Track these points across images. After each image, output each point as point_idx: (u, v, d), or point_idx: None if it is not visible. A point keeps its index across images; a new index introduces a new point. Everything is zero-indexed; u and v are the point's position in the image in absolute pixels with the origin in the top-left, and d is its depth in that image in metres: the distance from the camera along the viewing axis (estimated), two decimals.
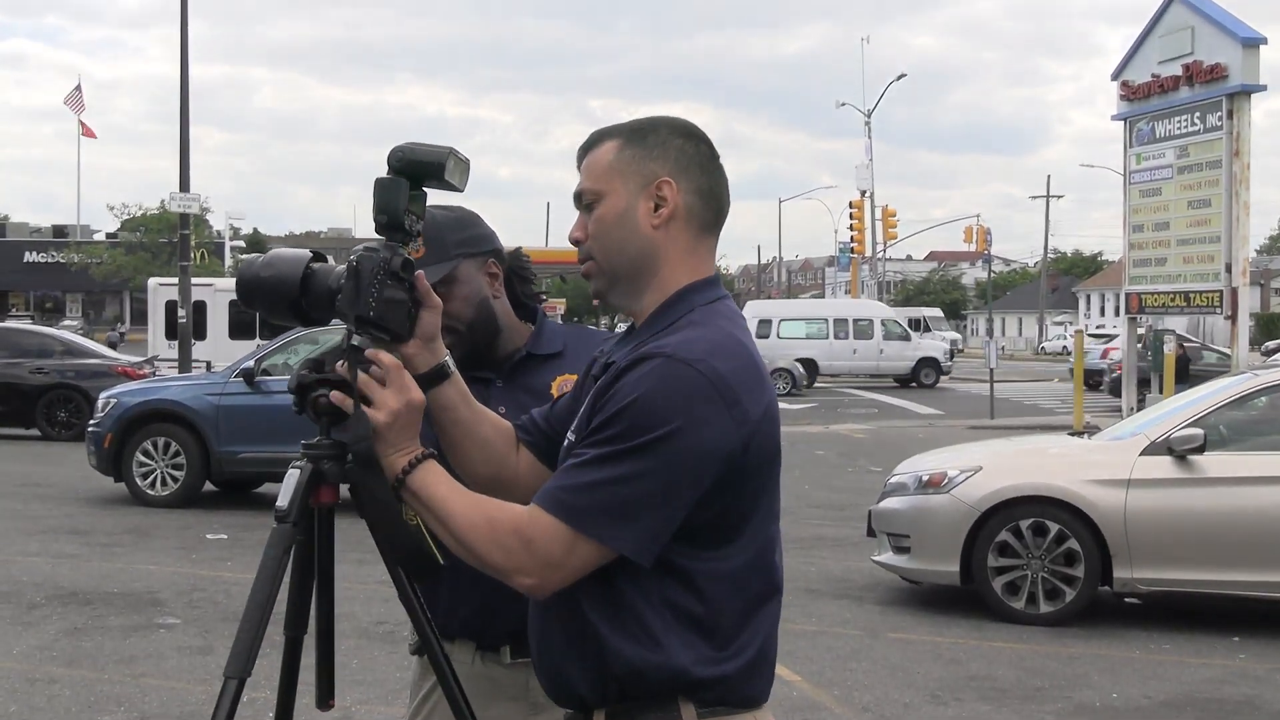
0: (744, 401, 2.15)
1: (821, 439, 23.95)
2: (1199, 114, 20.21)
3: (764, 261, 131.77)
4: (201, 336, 28.30)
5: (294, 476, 2.33)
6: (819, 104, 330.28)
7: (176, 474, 14.09)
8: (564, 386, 2.94)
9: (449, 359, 2.48)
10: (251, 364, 14.19)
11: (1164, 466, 9.04)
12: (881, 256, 60.76)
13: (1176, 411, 9.64)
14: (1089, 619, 9.11)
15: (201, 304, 28.71)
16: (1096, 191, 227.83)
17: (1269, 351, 40.60)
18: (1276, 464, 9.06)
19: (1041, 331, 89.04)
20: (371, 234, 2.49)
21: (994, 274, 49.26)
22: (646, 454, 2.09)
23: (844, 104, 57.65)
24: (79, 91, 76.16)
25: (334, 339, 2.39)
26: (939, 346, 43.57)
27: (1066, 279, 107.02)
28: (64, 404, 21.38)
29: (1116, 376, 28.24)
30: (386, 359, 2.30)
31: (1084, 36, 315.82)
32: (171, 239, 40.38)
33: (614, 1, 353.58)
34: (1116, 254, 78.29)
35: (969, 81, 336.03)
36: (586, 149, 2.38)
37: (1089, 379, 33.20)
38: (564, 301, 40.89)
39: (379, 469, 2.32)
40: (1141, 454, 9.13)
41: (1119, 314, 24.30)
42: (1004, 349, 69.00)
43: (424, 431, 2.35)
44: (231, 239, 64.20)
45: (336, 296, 2.36)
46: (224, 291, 29.24)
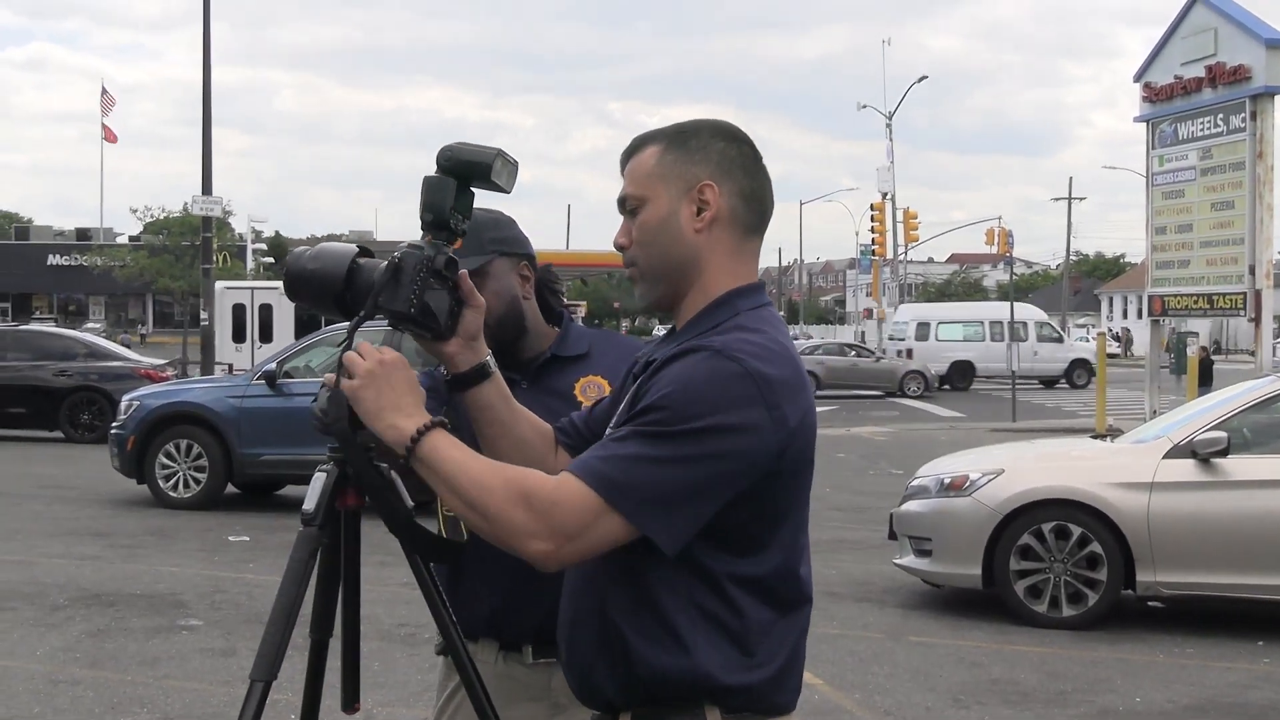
0: (785, 407, 2.14)
1: (843, 442, 23.91)
2: (1222, 115, 20.12)
3: (785, 264, 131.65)
4: (268, 339, 28.28)
5: (320, 480, 2.34)
6: (839, 106, 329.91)
7: (199, 476, 14.14)
8: (587, 389, 2.95)
9: (491, 359, 2.48)
10: (273, 366, 14.23)
11: (1187, 470, 9.00)
12: (903, 259, 60.57)
13: (1200, 414, 9.60)
14: (1112, 623, 9.07)
15: (268, 306, 28.53)
16: (1119, 193, 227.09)
17: None
18: None
19: (1064, 333, 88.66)
20: (391, 237, 2.51)
21: (1015, 276, 48.83)
22: (688, 441, 2.08)
23: (865, 106, 57.56)
24: (106, 94, 76.59)
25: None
26: (1089, 348, 44.18)
27: (1089, 281, 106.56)
28: (87, 406, 21.47)
29: None
30: (364, 347, 2.28)
31: (1105, 38, 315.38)
32: (194, 242, 40.42)
33: (634, 3, 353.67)
34: (1139, 256, 77.89)
35: (989, 83, 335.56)
36: (629, 154, 2.38)
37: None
38: (584, 304, 40.94)
39: (360, 451, 2.31)
40: (1165, 457, 9.09)
41: (1141, 316, 24.19)
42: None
43: (463, 430, 2.35)
44: (253, 242, 64.39)
45: (345, 296, 2.36)
46: None
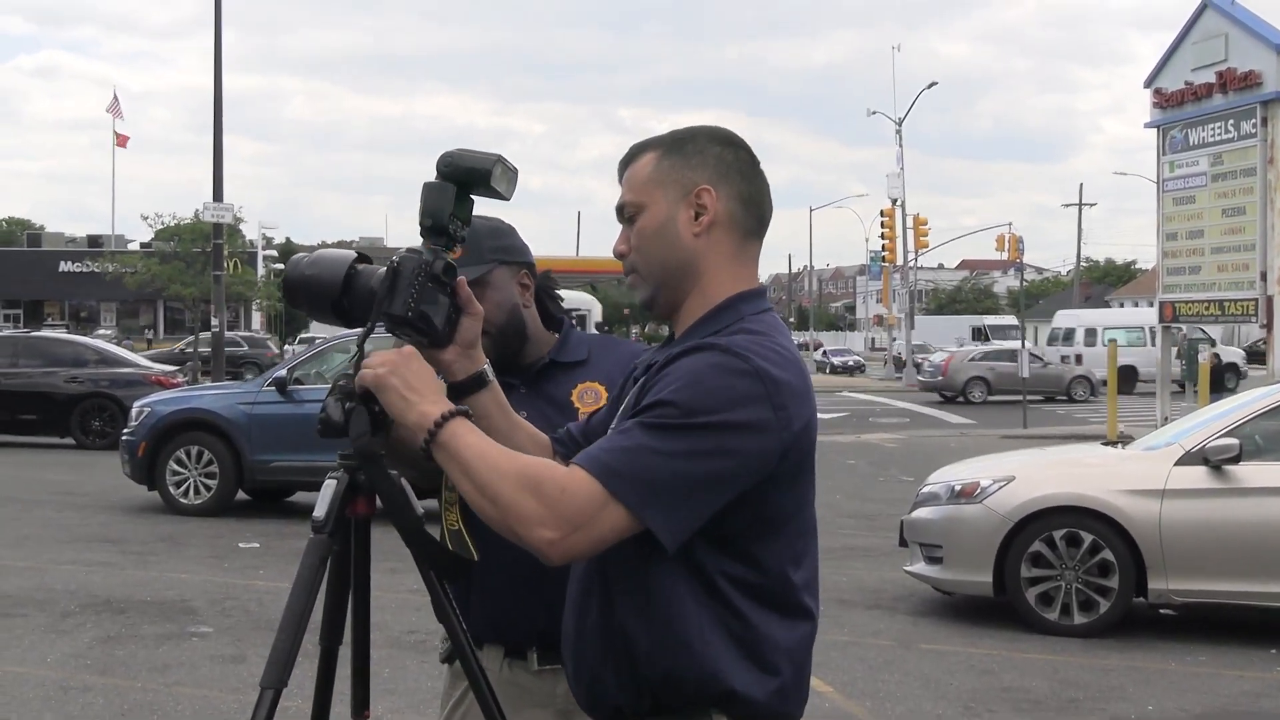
0: (790, 409, 2.15)
1: (854, 449, 23.88)
2: (1233, 121, 20.09)
3: (795, 270, 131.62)
4: None
5: (330, 487, 2.34)
6: (849, 112, 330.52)
7: (209, 482, 14.15)
8: (584, 395, 2.96)
9: (488, 368, 2.48)
10: (284, 373, 14.25)
11: (1199, 477, 8.97)
12: (913, 265, 60.52)
13: (1211, 421, 9.57)
14: (1123, 630, 9.04)
15: None
16: (1129, 199, 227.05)
17: None
18: None
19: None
20: (401, 244, 2.51)
21: (1026, 282, 48.76)
22: (693, 436, 2.08)
23: (875, 112, 57.47)
24: (117, 101, 76.77)
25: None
26: (1238, 352, 44.29)
27: (1100, 287, 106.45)
28: (98, 413, 21.50)
29: None
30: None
31: (1115, 43, 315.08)
32: (205, 249, 40.51)
33: (642, 10, 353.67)
34: (1150, 262, 77.74)
35: (999, 89, 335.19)
36: (626, 162, 2.38)
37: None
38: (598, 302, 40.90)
39: (381, 466, 2.33)
40: (1176, 464, 9.06)
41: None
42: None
43: None
44: (264, 248, 64.52)
45: (342, 302, 2.37)
46: None
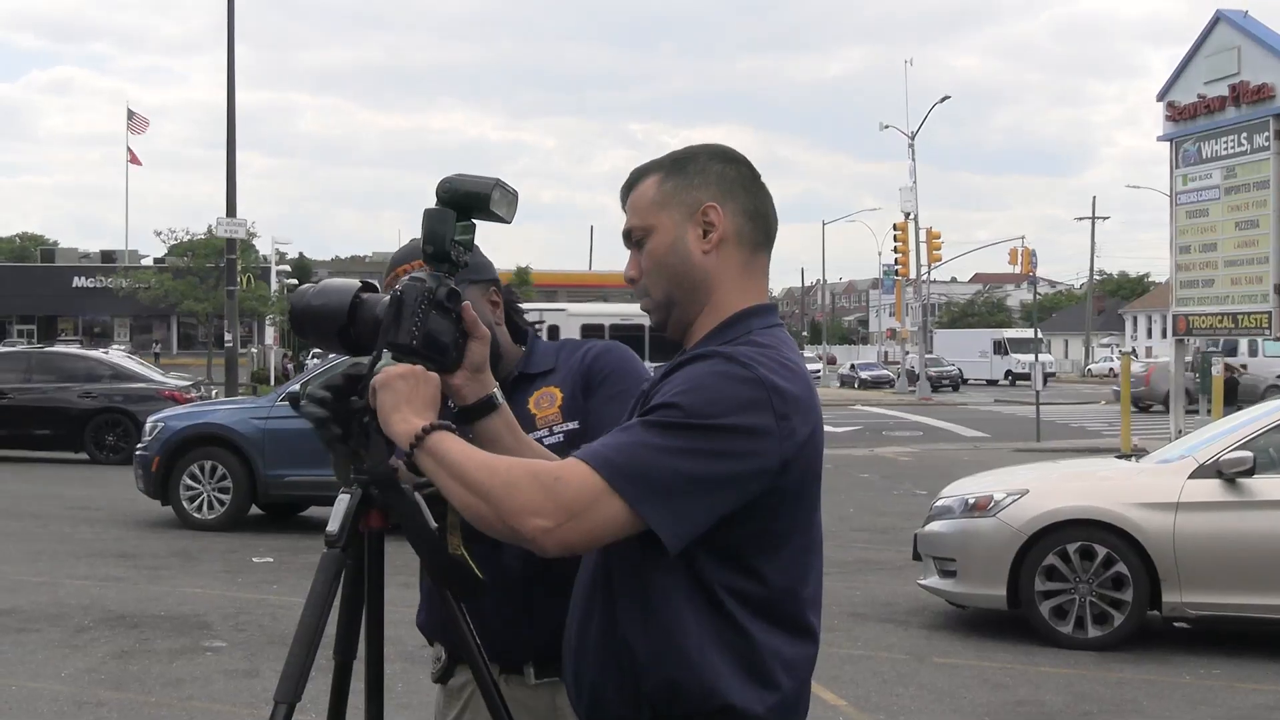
0: (793, 419, 2.16)
1: (867, 462, 23.86)
2: (1246, 134, 20.09)
3: (808, 284, 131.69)
4: None
5: (344, 502, 2.35)
6: (860, 126, 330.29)
7: (223, 497, 14.19)
8: (540, 400, 2.98)
9: (498, 391, 2.48)
10: (297, 388, 14.28)
11: (1213, 489, 8.95)
12: (926, 279, 60.50)
13: (1225, 434, 9.55)
14: (1138, 644, 9.02)
15: (555, 328, 27.85)
16: (1142, 212, 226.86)
17: None
18: None
19: (1088, 354, 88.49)
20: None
21: (1039, 296, 48.85)
22: (695, 436, 2.09)
23: (888, 126, 57.58)
24: (133, 117, 77.11)
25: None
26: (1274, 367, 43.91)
27: (1113, 301, 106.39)
28: (112, 428, 21.57)
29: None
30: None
31: (1127, 57, 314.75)
32: (218, 264, 40.63)
33: (654, 25, 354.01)
34: (1163, 275, 77.65)
35: (1012, 102, 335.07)
36: (629, 187, 2.39)
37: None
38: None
39: (397, 488, 2.34)
40: (1190, 477, 9.04)
41: (1166, 336, 24.13)
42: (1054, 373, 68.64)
43: None
44: (278, 263, 64.60)
45: (349, 331, 2.37)
46: (576, 316, 28.91)
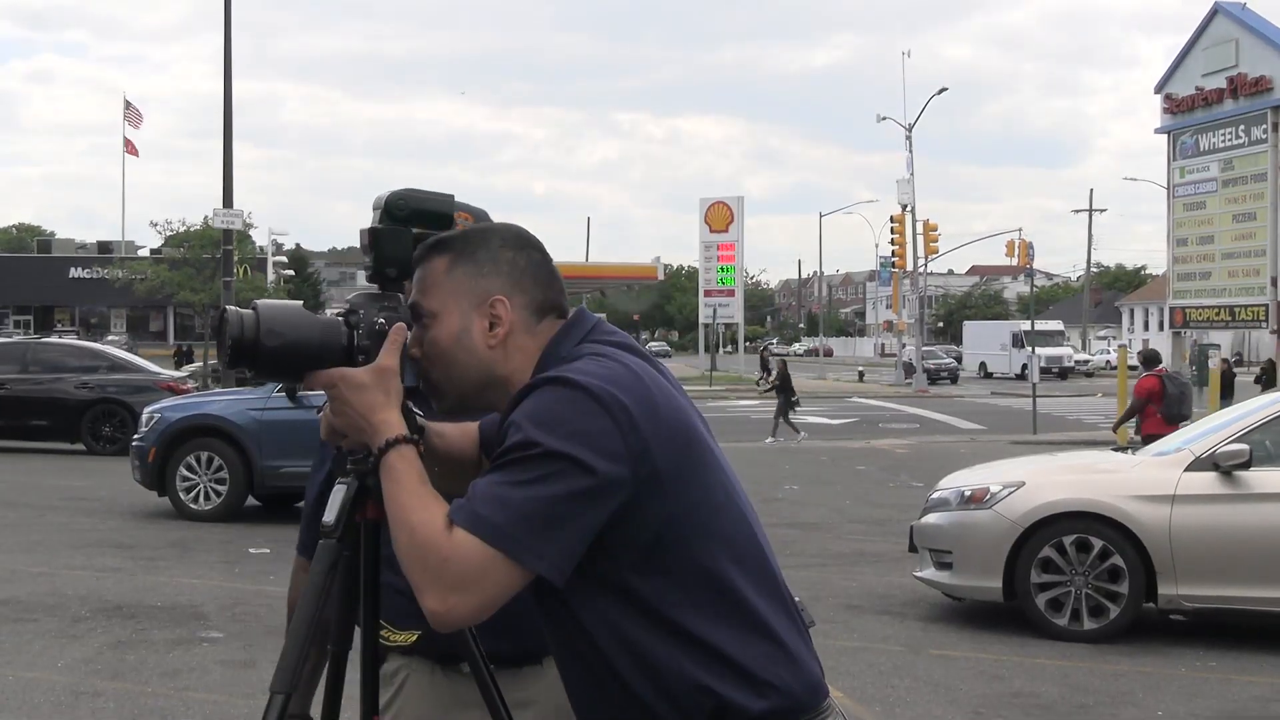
0: (630, 408, 2.14)
1: (863, 454, 23.89)
2: (1243, 127, 20.10)
3: (804, 276, 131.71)
4: None
5: (340, 492, 2.34)
6: (852, 117, 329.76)
7: (219, 488, 14.19)
8: None
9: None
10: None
11: (1209, 482, 8.97)
12: (923, 271, 60.51)
13: (1221, 427, 9.56)
14: (1133, 636, 9.03)
15: None
16: (1140, 204, 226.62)
17: None
18: None
19: (1085, 346, 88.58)
20: None
21: (1036, 289, 48.88)
22: (539, 463, 2.09)
23: (885, 118, 57.40)
24: (131, 107, 77.10)
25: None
26: None
27: (1110, 293, 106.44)
28: (108, 419, 21.56)
29: None
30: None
31: (1121, 46, 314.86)
32: (214, 255, 40.59)
33: (639, 13, 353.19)
34: (1161, 268, 77.66)
35: (1006, 93, 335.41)
36: (417, 261, 2.35)
37: None
38: (604, 316, 41.01)
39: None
40: (1186, 469, 9.05)
41: (1163, 328, 24.15)
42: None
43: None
44: (275, 254, 64.63)
45: (356, 358, 2.29)
46: None
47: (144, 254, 70.06)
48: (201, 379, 31.19)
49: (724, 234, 65.43)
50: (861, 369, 69.81)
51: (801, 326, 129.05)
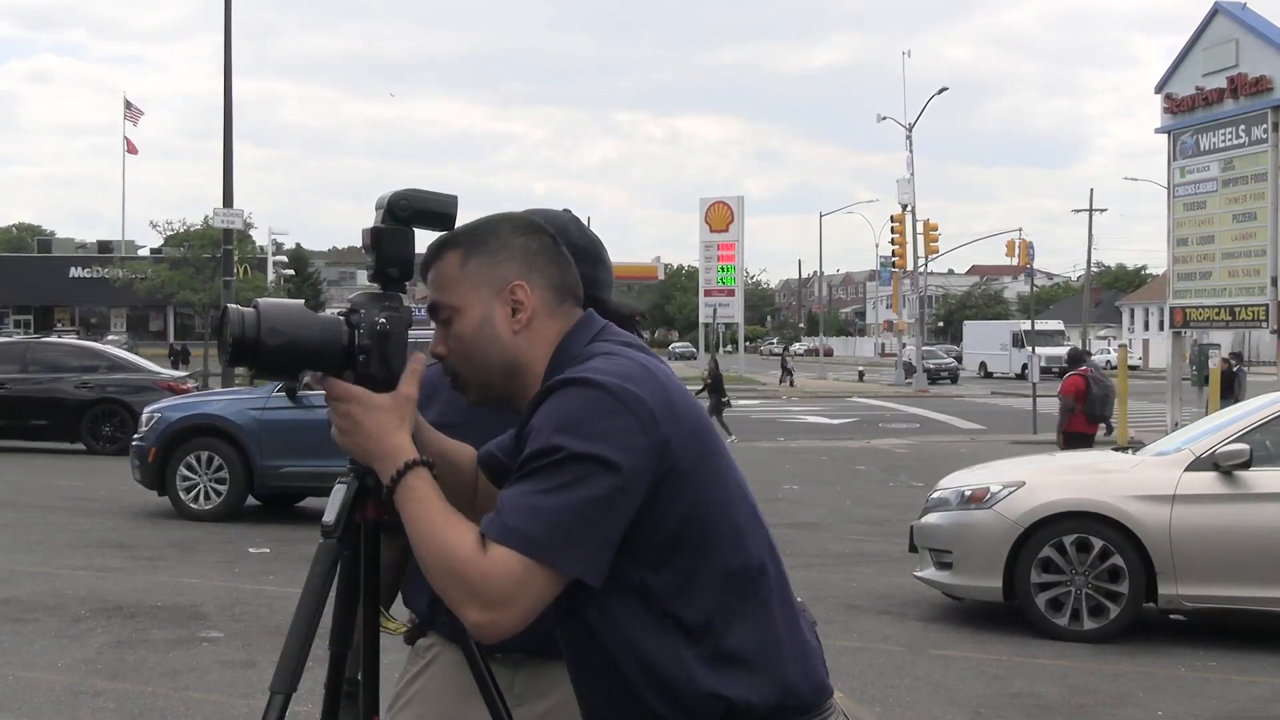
0: (647, 401, 2.15)
1: (863, 454, 23.88)
2: (1243, 127, 20.09)
3: (805, 276, 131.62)
4: None
5: (340, 492, 2.34)
6: (851, 117, 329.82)
7: (219, 488, 14.19)
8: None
9: None
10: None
11: (1209, 482, 8.97)
12: (923, 271, 60.50)
13: (1222, 427, 9.56)
14: (1134, 636, 9.03)
15: None
16: (1140, 204, 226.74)
17: None
18: None
19: (1085, 346, 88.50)
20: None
21: (1036, 289, 48.83)
22: (569, 467, 2.09)
23: (885, 118, 57.43)
24: (131, 107, 77.16)
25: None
26: None
27: (1110, 293, 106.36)
28: (108, 418, 21.57)
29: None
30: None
31: (1120, 47, 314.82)
32: (215, 255, 40.58)
33: (637, 14, 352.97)
34: (1161, 268, 77.56)
35: (1006, 93, 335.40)
36: (429, 260, 2.36)
37: None
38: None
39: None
40: (1186, 469, 9.05)
41: (1163, 328, 24.15)
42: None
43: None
44: (275, 254, 64.59)
45: (357, 358, 2.29)
46: None
47: (144, 254, 70.11)
48: (201, 379, 31.17)
49: (724, 234, 65.47)
50: (862, 369, 69.89)
51: (801, 326, 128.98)
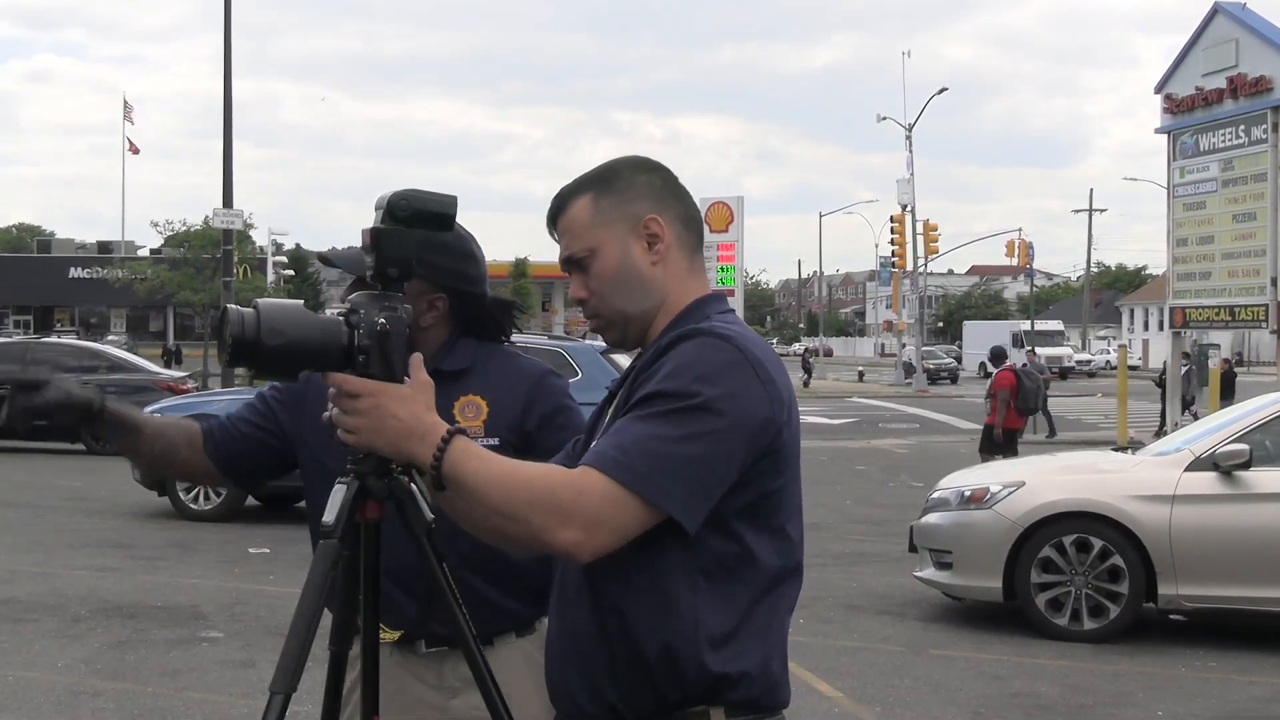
0: (777, 382, 2.20)
1: (863, 454, 23.89)
2: (1243, 127, 20.09)
3: (804, 276, 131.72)
4: None
5: (340, 492, 2.33)
6: (851, 116, 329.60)
7: (219, 488, 14.18)
8: (465, 408, 3.00)
9: None
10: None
11: (1209, 482, 8.97)
12: (923, 271, 60.50)
13: (1221, 427, 9.56)
14: (1133, 636, 9.03)
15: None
16: (1140, 204, 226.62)
17: None
18: None
19: (1085, 346, 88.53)
20: None
21: (1036, 289, 48.97)
22: (691, 418, 2.10)
23: (885, 118, 57.34)
24: (128, 105, 77.27)
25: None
26: None
27: (1110, 293, 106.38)
28: None
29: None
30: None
31: (1120, 47, 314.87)
32: (215, 255, 40.57)
33: (637, 14, 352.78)
34: (1161, 268, 77.59)
35: (1006, 93, 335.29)
36: (556, 212, 2.37)
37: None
38: None
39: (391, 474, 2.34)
40: (1186, 470, 9.05)
41: (1163, 328, 24.16)
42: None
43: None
44: (275, 254, 64.51)
45: (357, 358, 2.27)
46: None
47: (144, 254, 70.06)
48: (201, 379, 31.18)
49: (724, 234, 65.22)
50: (861, 369, 69.89)
51: (801, 326, 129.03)
